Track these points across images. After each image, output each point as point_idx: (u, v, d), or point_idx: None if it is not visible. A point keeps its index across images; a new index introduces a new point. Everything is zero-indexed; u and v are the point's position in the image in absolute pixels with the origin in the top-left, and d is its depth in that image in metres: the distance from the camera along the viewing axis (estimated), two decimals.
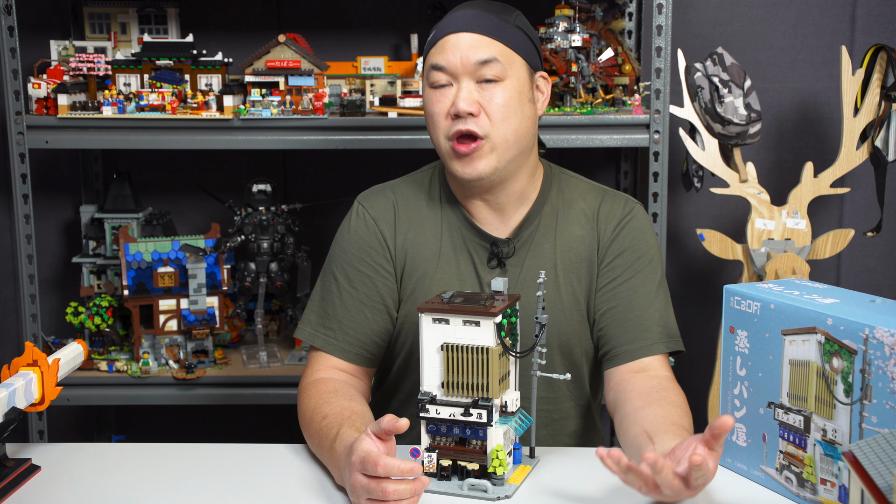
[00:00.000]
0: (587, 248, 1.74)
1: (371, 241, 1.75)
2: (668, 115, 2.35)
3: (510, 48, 1.65)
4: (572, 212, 1.76)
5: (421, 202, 1.78)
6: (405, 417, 1.35)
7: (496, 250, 1.72)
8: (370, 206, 1.78)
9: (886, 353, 1.23)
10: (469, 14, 1.67)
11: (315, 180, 2.87)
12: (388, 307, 1.75)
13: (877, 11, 2.72)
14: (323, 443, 1.52)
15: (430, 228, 1.76)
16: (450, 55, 1.64)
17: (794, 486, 1.40)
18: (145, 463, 1.57)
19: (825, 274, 2.81)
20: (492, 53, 1.63)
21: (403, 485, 1.31)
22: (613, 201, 1.77)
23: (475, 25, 1.65)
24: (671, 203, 2.73)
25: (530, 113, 1.69)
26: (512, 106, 1.64)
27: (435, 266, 1.73)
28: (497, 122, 1.63)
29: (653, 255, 1.74)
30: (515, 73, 1.66)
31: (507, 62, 1.64)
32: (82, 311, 2.53)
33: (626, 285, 1.71)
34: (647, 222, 1.78)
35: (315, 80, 2.42)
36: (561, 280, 1.73)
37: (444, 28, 1.67)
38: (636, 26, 2.70)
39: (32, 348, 1.53)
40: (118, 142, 2.40)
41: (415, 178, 1.83)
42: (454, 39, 1.65)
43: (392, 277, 1.75)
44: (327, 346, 1.74)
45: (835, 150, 2.49)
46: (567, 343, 1.73)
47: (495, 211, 1.74)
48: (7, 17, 2.34)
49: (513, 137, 1.65)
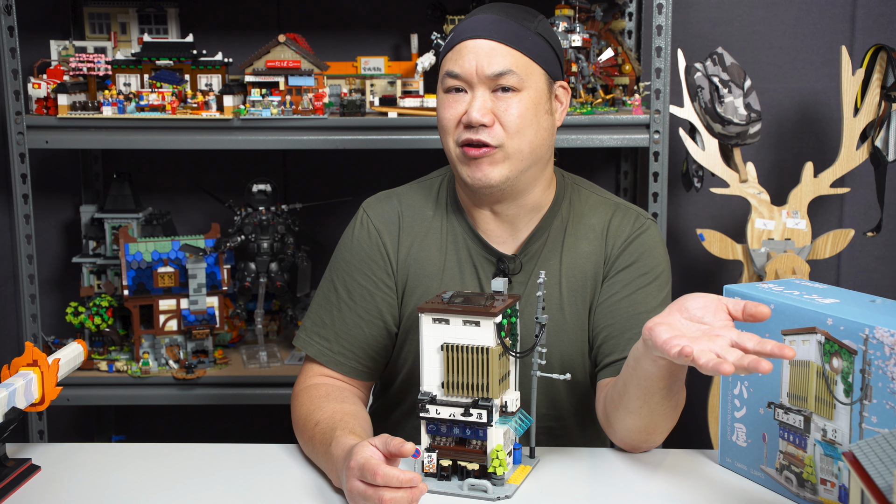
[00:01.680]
0: (593, 265, 1.69)
1: (373, 253, 1.72)
2: (668, 115, 2.35)
3: (529, 57, 1.60)
4: (581, 227, 1.71)
5: (427, 212, 1.74)
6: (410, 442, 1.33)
7: (502, 266, 1.68)
8: (375, 215, 1.74)
9: (886, 353, 1.23)
10: (489, 19, 1.61)
11: (315, 180, 2.87)
12: (386, 322, 1.72)
13: (877, 11, 2.72)
14: (318, 448, 1.51)
15: (434, 241, 1.72)
16: (465, 62, 1.59)
17: (794, 486, 1.40)
18: (145, 463, 1.56)
19: (825, 274, 2.81)
20: (509, 64, 1.58)
21: (401, 492, 1.29)
22: (625, 216, 1.72)
23: (494, 32, 1.59)
24: (671, 203, 2.73)
25: (547, 125, 1.64)
26: (527, 117, 1.59)
27: (439, 282, 1.70)
28: (511, 134, 1.59)
29: (659, 273, 1.68)
30: (533, 84, 1.60)
31: (524, 73, 1.59)
32: (82, 311, 2.53)
33: (625, 301, 1.66)
34: (659, 240, 1.72)
35: (315, 80, 2.42)
36: (565, 300, 1.69)
37: (462, 32, 1.62)
38: (636, 26, 2.70)
39: (32, 348, 1.53)
40: (118, 142, 2.40)
41: (423, 184, 1.78)
42: (471, 45, 1.59)
43: (392, 292, 1.72)
44: (321, 356, 1.71)
45: (835, 150, 2.49)
46: (569, 363, 1.70)
47: (504, 223, 1.69)
48: (7, 17, 2.34)
49: (527, 149, 1.61)
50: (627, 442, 1.56)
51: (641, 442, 1.55)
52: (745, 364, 1.19)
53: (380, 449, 1.34)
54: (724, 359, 1.21)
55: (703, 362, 1.21)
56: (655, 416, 1.48)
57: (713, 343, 1.24)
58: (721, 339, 1.25)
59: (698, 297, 1.34)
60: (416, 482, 1.30)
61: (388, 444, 1.33)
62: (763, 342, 1.23)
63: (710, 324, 1.30)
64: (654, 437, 1.54)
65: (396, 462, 1.35)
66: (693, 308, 1.32)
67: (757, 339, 1.24)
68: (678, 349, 1.23)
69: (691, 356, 1.22)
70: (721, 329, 1.28)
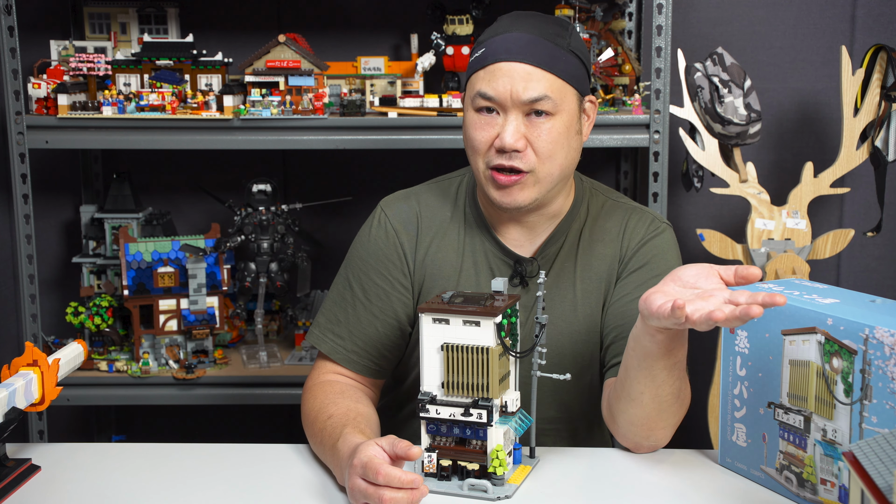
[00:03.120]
0: (608, 268, 1.70)
1: (390, 253, 1.71)
2: (668, 115, 2.35)
3: (563, 80, 1.58)
4: (598, 230, 1.72)
5: (445, 213, 1.73)
6: (418, 446, 1.34)
7: (520, 269, 1.68)
8: (393, 214, 1.73)
9: (886, 353, 1.23)
10: (523, 40, 1.57)
11: (315, 180, 2.87)
12: (400, 322, 1.72)
13: (877, 11, 2.72)
14: (326, 442, 1.52)
15: (451, 243, 1.72)
16: (500, 85, 1.56)
17: (794, 486, 1.40)
18: (145, 463, 1.56)
19: (825, 274, 2.81)
20: (544, 90, 1.55)
21: (401, 493, 1.30)
22: (640, 219, 1.73)
23: (529, 55, 1.56)
24: (671, 203, 2.73)
25: (577, 145, 1.63)
26: (560, 142, 1.58)
27: (455, 283, 1.70)
28: (543, 159, 1.58)
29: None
30: (566, 108, 1.59)
31: (558, 97, 1.57)
32: (82, 311, 2.53)
33: (636, 303, 1.62)
34: (673, 243, 1.72)
35: (315, 80, 2.42)
36: (579, 302, 1.69)
37: (496, 52, 1.58)
38: (636, 26, 2.70)
39: (32, 348, 1.53)
40: (118, 142, 2.40)
41: (441, 185, 1.78)
42: (506, 68, 1.56)
43: (408, 293, 1.72)
44: (335, 353, 1.72)
45: (835, 150, 2.49)
46: (581, 365, 1.70)
47: (523, 228, 1.69)
48: (7, 17, 2.34)
49: (557, 172, 1.61)
50: (630, 438, 1.56)
51: (644, 438, 1.55)
52: (737, 313, 1.23)
53: (386, 450, 1.34)
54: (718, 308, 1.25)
55: (697, 317, 1.26)
56: (658, 402, 1.47)
57: (707, 302, 1.28)
58: (714, 299, 1.29)
59: (691, 267, 1.38)
60: (418, 484, 1.30)
61: (394, 446, 1.33)
62: (754, 295, 1.26)
63: (703, 288, 1.34)
64: (657, 432, 1.53)
65: (401, 464, 1.35)
66: (686, 276, 1.37)
67: (748, 293, 1.27)
68: (670, 306, 1.27)
69: (683, 308, 1.26)
70: (714, 290, 1.31)
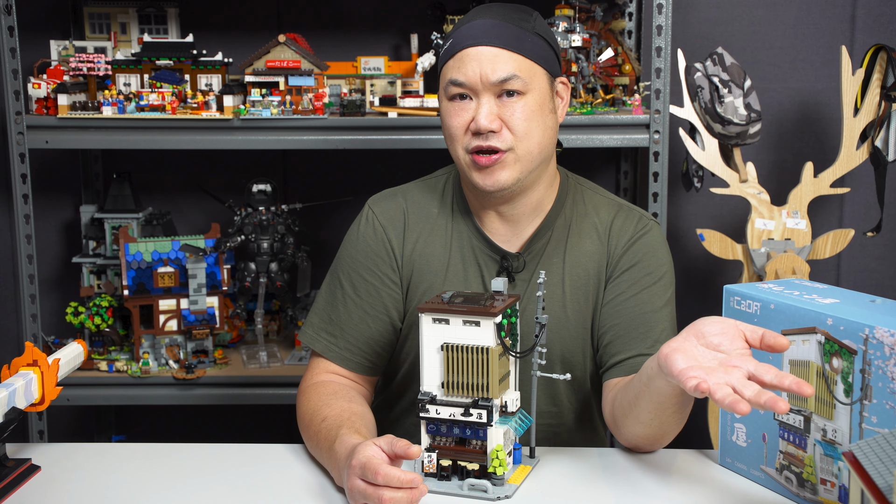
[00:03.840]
0: (596, 265, 1.70)
1: (378, 249, 1.73)
2: (668, 115, 2.35)
3: (531, 59, 1.60)
4: (584, 226, 1.72)
5: (432, 210, 1.75)
6: (417, 445, 1.33)
7: (506, 264, 1.69)
8: (380, 211, 1.75)
9: (886, 353, 1.23)
10: (488, 25, 1.61)
11: (315, 180, 2.87)
12: (391, 317, 1.73)
13: (877, 11, 2.72)
14: (322, 444, 1.52)
15: (439, 238, 1.73)
16: (469, 70, 1.59)
17: (794, 486, 1.40)
18: (145, 463, 1.57)
19: (825, 274, 2.81)
20: (512, 69, 1.58)
21: (401, 493, 1.29)
22: (627, 216, 1.73)
23: (495, 37, 1.59)
24: (671, 203, 2.73)
25: (552, 123, 1.65)
26: (534, 119, 1.60)
27: (443, 278, 1.71)
28: (520, 137, 1.60)
29: (663, 274, 1.69)
30: (537, 86, 1.61)
31: (528, 76, 1.60)
32: (82, 311, 2.53)
33: (631, 301, 1.67)
34: (661, 241, 1.73)
35: (315, 80, 2.42)
36: (568, 297, 1.70)
37: (462, 40, 1.61)
38: (636, 26, 2.70)
39: (32, 348, 1.53)
40: (118, 142, 2.40)
41: (428, 183, 1.80)
42: (473, 53, 1.59)
43: (397, 287, 1.73)
44: (328, 352, 1.73)
45: (835, 150, 2.49)
46: (570, 361, 1.71)
47: (508, 222, 1.71)
48: (7, 17, 2.34)
49: (536, 150, 1.62)
50: (633, 444, 1.58)
51: (648, 446, 1.57)
52: (762, 402, 1.18)
53: (384, 449, 1.34)
54: (741, 394, 1.19)
55: (720, 397, 1.19)
56: (665, 426, 1.49)
57: (730, 375, 1.22)
58: (738, 371, 1.23)
59: (715, 321, 1.32)
60: (417, 483, 1.30)
61: (393, 445, 1.33)
62: (781, 376, 1.21)
63: (727, 352, 1.29)
64: (662, 440, 1.56)
65: (399, 464, 1.35)
66: (710, 334, 1.31)
67: (775, 371, 1.22)
68: (694, 384, 1.22)
69: (708, 392, 1.20)
70: (738, 359, 1.26)
